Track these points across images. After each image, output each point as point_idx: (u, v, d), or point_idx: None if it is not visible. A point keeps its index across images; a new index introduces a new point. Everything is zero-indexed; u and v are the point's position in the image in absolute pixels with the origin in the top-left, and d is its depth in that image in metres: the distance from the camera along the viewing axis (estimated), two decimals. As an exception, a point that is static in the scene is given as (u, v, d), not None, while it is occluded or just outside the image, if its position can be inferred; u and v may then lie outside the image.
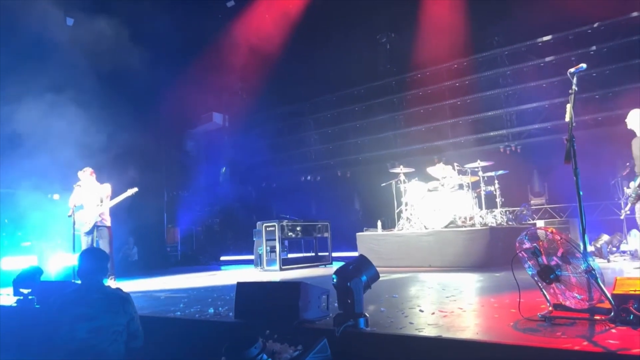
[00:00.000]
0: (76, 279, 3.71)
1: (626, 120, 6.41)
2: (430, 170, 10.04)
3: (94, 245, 7.29)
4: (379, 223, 9.67)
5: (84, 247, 7.22)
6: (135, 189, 7.71)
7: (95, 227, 7.38)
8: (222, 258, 14.99)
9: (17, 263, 10.03)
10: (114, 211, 7.76)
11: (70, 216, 7.32)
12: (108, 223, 7.55)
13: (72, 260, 7.36)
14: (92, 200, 7.48)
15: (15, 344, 4.62)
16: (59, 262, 10.54)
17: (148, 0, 10.56)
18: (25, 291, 5.92)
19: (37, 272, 6.47)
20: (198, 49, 12.72)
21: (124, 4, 10.20)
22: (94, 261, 3.67)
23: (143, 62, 10.73)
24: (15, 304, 6.00)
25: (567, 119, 3.61)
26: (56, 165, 8.91)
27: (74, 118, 9.17)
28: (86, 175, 7.60)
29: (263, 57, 13.09)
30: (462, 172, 9.21)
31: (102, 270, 3.73)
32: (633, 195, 6.30)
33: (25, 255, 10.29)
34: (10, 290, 6.28)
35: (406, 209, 9.56)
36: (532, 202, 10.87)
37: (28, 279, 6.07)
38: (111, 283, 7.22)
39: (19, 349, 4.47)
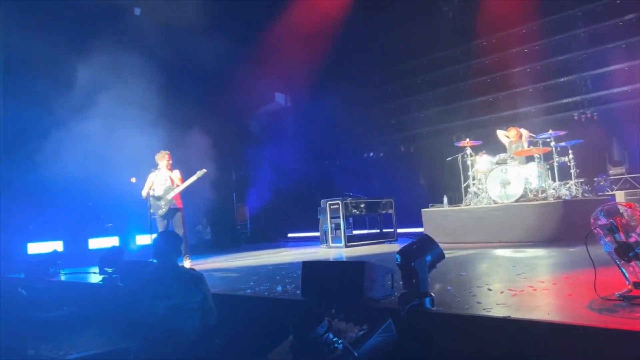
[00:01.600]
0: (153, 259, 3.95)
1: None
2: (499, 133, 9.66)
3: (169, 227, 7.69)
4: (445, 198, 9.48)
5: (160, 229, 7.61)
6: (204, 171, 7.98)
7: (169, 210, 7.75)
8: (289, 235, 15.34)
9: (101, 243, 10.85)
10: (187, 193, 8.12)
11: (146, 199, 7.76)
12: (180, 205, 7.92)
13: (149, 240, 7.83)
14: (165, 184, 7.85)
15: (104, 318, 5.02)
16: (138, 242, 11.28)
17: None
18: (109, 270, 6.40)
19: (119, 252, 6.98)
20: (258, 30, 12.85)
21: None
22: (168, 243, 3.89)
23: (205, 45, 11.02)
24: (101, 282, 6.51)
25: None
26: (132, 150, 9.42)
27: (147, 104, 9.64)
28: (163, 158, 7.94)
29: (322, 34, 12.99)
30: (533, 143, 8.79)
31: (176, 251, 3.96)
32: None
33: (109, 237, 11.09)
34: (97, 269, 6.81)
35: (474, 184, 9.30)
36: (610, 172, 10.19)
37: (111, 258, 6.56)
38: (187, 263, 7.62)
39: (107, 323, 4.86)
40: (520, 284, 3.92)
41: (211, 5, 10.85)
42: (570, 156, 8.59)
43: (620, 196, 8.81)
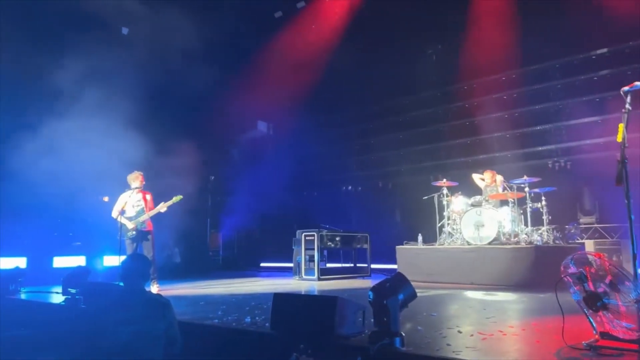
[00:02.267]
0: (120, 282, 3.83)
1: None
2: (475, 177, 9.83)
3: (138, 250, 7.49)
4: (420, 237, 9.54)
5: (128, 252, 7.41)
6: (180, 197, 7.85)
7: (140, 232, 7.58)
8: (262, 264, 15.15)
9: (67, 262, 10.51)
10: (158, 216, 7.95)
11: (116, 219, 7.56)
12: (151, 228, 7.74)
13: (117, 262, 7.62)
14: (138, 206, 7.68)
15: (61, 342, 4.81)
16: (105, 262, 10.97)
17: (195, 9, 10.86)
18: (73, 291, 6.17)
19: (85, 272, 6.75)
20: (243, 58, 12.98)
21: (172, 14, 10.54)
22: (136, 266, 3.78)
23: (190, 69, 11.06)
24: (63, 303, 6.26)
25: (619, 139, 3.46)
26: (107, 168, 9.26)
27: (124, 124, 9.53)
28: (137, 179, 7.75)
29: (309, 67, 13.19)
30: (508, 188, 8.97)
31: (145, 275, 3.85)
32: None
33: (75, 256, 10.76)
34: (60, 289, 6.56)
35: (448, 224, 9.39)
36: (581, 220, 10.41)
37: (76, 278, 6.33)
38: (154, 288, 7.42)
39: (64, 348, 4.66)
40: (490, 328, 3.92)
41: (198, 30, 10.93)
42: (543, 203, 8.78)
43: (589, 245, 8.99)
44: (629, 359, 2.84)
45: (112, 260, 10.45)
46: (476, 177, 9.88)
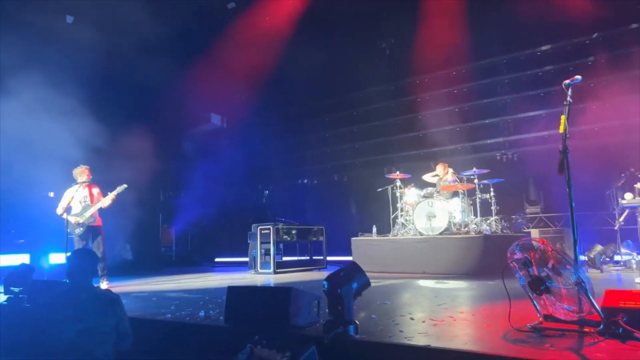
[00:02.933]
0: (66, 279, 3.69)
1: None
2: (426, 177, 10.07)
3: (87, 247, 7.23)
4: (374, 228, 9.67)
5: (77, 247, 7.14)
6: (125, 186, 7.55)
7: (88, 228, 7.31)
8: (217, 259, 14.96)
9: (10, 260, 10.02)
10: (108, 210, 7.69)
11: (61, 215, 7.26)
12: (100, 223, 7.48)
13: (64, 259, 7.32)
14: (85, 201, 7.39)
15: (3, 344, 4.58)
16: (51, 260, 10.53)
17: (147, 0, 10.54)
18: (16, 290, 5.88)
19: (28, 270, 6.42)
20: (197, 49, 12.69)
21: (122, 4, 10.18)
22: (83, 262, 3.65)
23: (141, 62, 10.73)
24: (5, 302, 5.97)
25: (561, 130, 3.62)
26: (52, 163, 8.87)
27: (71, 117, 9.15)
28: (83, 173, 7.45)
29: (263, 59, 13.06)
30: (458, 179, 9.22)
31: (92, 271, 3.71)
32: None
33: (19, 254, 10.27)
34: (1, 288, 6.25)
35: (402, 215, 9.57)
36: (527, 210, 10.86)
37: (19, 277, 6.02)
38: (103, 284, 7.19)
39: (7, 349, 4.44)
40: (441, 314, 4.03)
41: (150, 21, 10.60)
42: (492, 194, 9.10)
43: (535, 234, 9.38)
44: (570, 339, 2.99)
45: (58, 258, 10.05)
46: (427, 176, 10.08)
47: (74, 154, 8.82)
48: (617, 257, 8.29)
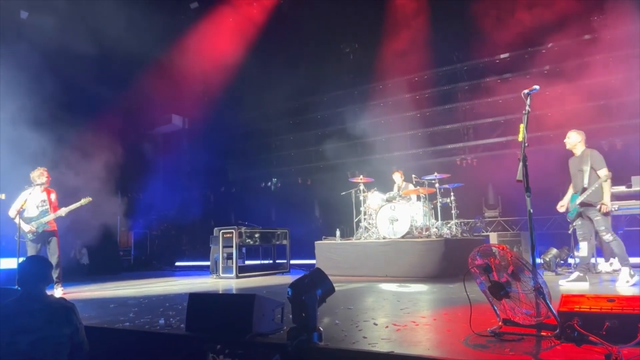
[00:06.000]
0: (17, 286, 3.53)
1: (565, 140, 6.56)
2: (395, 176, 10.12)
3: (41, 252, 6.95)
4: (338, 232, 9.70)
5: (30, 254, 6.83)
6: (89, 199, 7.42)
7: (43, 233, 7.03)
8: (177, 264, 14.68)
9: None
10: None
11: (14, 218, 6.94)
12: (55, 228, 7.20)
13: (15, 265, 7.01)
14: (43, 206, 7.11)
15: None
16: (2, 266, 10.06)
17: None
18: (-38, 298, 5.58)
19: (-24, 277, 6.14)
20: (159, 49, 12.44)
21: (82, 1, 9.88)
22: (35, 269, 3.49)
23: (99, 61, 10.43)
24: (-50, 312, 5.64)
25: (520, 138, 3.72)
26: (3, 165, 8.51)
27: (23, 117, 8.80)
28: (42, 176, 7.16)
29: (226, 61, 12.92)
30: (419, 184, 9.37)
31: (45, 278, 3.55)
32: (573, 211, 6.55)
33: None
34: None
35: (365, 219, 9.63)
36: (485, 214, 11.15)
37: (-34, 285, 5.74)
38: (58, 291, 6.93)
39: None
40: (404, 319, 4.07)
41: (110, 20, 10.32)
42: (452, 198, 9.28)
43: (493, 237, 9.61)
44: (528, 343, 3.07)
45: (9, 263, 9.61)
46: (396, 176, 10.14)
47: (26, 156, 8.48)
48: (570, 260, 8.60)
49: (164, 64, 12.72)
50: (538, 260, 7.34)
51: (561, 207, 6.73)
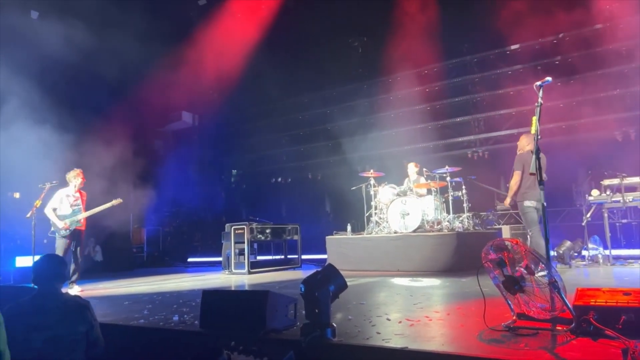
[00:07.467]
0: (33, 284, 3.57)
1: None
2: (410, 167, 10.03)
3: (72, 247, 7.19)
4: (349, 226, 9.69)
5: (58, 249, 7.07)
6: (120, 200, 7.74)
7: (75, 231, 7.28)
8: (190, 260, 14.77)
9: (-28, 265, 9.65)
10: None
11: (48, 215, 7.10)
12: (84, 227, 7.51)
13: (31, 263, 7.11)
14: (76, 205, 7.36)
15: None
16: (18, 264, 10.20)
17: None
18: (-21, 296, 5.66)
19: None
20: (168, 47, 12.47)
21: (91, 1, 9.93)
22: (50, 268, 3.51)
23: (110, 59, 10.47)
24: (-32, 310, 5.73)
25: (533, 131, 3.67)
26: (17, 164, 8.61)
27: (39, 116, 8.89)
28: (78, 176, 7.44)
29: (235, 57, 12.92)
30: (430, 177, 9.31)
31: (60, 276, 3.58)
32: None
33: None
34: (-37, 294, 6.01)
35: (375, 213, 9.60)
36: (498, 207, 11.06)
37: (-18, 283, 5.83)
38: (73, 289, 7.03)
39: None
40: (417, 314, 4.05)
41: (120, 19, 10.35)
42: (464, 191, 9.21)
43: (506, 230, 9.55)
44: (543, 338, 3.04)
45: (25, 262, 9.74)
46: (410, 167, 10.07)
47: (39, 155, 8.56)
48: (584, 252, 8.53)
49: (173, 61, 12.74)
50: (551, 253, 7.31)
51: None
